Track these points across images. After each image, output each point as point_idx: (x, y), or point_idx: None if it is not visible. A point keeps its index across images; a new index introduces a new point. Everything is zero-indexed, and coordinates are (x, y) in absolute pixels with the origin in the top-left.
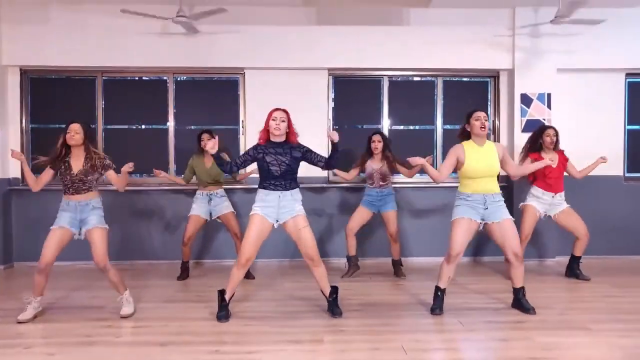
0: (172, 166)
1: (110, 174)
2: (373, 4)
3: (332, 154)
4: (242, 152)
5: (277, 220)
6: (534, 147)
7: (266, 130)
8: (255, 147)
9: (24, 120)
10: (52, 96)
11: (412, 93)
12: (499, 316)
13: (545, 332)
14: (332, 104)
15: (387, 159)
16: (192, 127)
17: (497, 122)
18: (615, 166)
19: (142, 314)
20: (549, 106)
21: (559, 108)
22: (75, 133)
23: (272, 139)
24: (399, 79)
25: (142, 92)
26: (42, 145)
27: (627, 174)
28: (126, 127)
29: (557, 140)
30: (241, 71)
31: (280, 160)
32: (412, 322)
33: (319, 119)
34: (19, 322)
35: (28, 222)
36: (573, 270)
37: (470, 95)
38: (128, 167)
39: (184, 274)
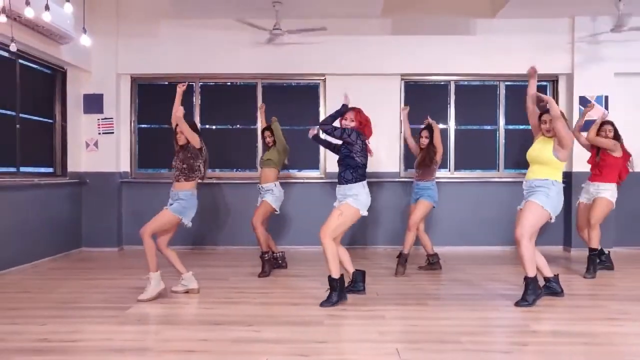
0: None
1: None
2: (442, 15)
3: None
4: (321, 152)
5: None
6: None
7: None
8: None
9: (133, 121)
10: (156, 100)
11: (476, 96)
12: None
13: None
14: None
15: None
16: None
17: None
18: None
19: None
20: (606, 108)
21: (616, 109)
22: (180, 134)
23: None
24: (465, 84)
25: (234, 96)
26: (147, 143)
27: None
28: (220, 127)
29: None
30: (322, 77)
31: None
32: None
33: (391, 121)
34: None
35: (135, 211)
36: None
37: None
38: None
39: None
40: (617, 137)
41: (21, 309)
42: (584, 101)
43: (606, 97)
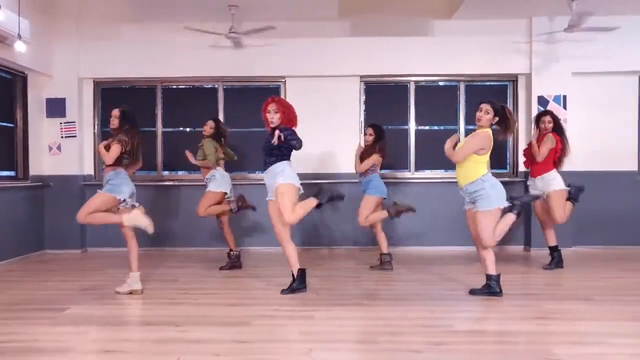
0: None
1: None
2: (400, 17)
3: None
4: None
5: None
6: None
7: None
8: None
9: (96, 125)
10: (120, 103)
11: (436, 97)
12: None
13: None
14: (363, 108)
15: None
16: (239, 129)
17: (516, 122)
18: (629, 162)
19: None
20: (564, 107)
21: (574, 109)
22: (114, 117)
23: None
24: (425, 84)
25: (195, 98)
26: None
27: None
28: (181, 129)
29: (556, 125)
30: (282, 79)
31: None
32: None
33: (351, 121)
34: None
35: None
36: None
37: (491, 98)
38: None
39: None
40: (557, 127)
41: None
42: (542, 101)
43: (564, 97)
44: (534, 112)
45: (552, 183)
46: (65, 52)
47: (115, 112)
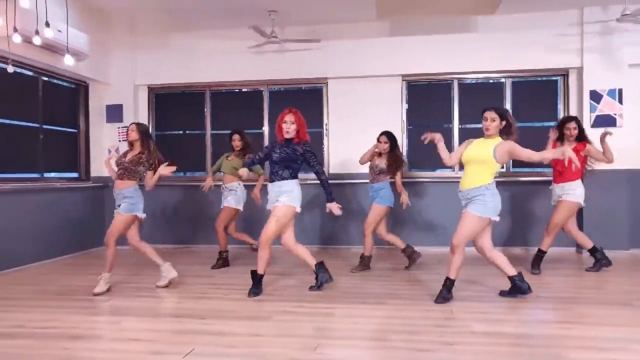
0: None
1: (149, 173)
2: (441, 15)
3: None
4: (325, 153)
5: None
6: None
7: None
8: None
9: (150, 128)
10: (172, 108)
11: (481, 95)
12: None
13: None
14: (405, 107)
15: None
16: None
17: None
18: None
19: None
20: (620, 101)
21: (631, 103)
22: (131, 131)
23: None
24: (469, 82)
25: (242, 101)
26: (164, 148)
27: None
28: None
29: (580, 132)
30: (324, 81)
31: (282, 150)
32: None
33: (393, 121)
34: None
35: (154, 212)
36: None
37: (540, 94)
38: (166, 169)
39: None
40: (581, 133)
41: (17, 299)
42: (595, 95)
43: (620, 90)
44: (586, 108)
45: (570, 192)
46: (122, 61)
47: (132, 127)
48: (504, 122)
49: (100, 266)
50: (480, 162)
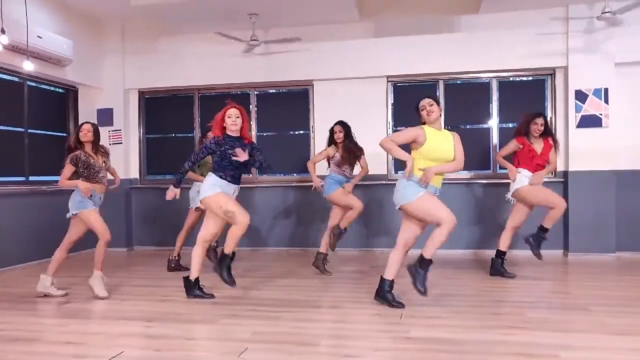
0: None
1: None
2: (425, 14)
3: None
4: (312, 154)
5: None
6: (521, 131)
7: (222, 126)
8: (215, 142)
9: (141, 131)
10: (162, 111)
11: (467, 95)
12: None
13: None
14: (391, 108)
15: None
16: (271, 132)
17: (554, 118)
18: None
19: None
20: (606, 101)
21: (617, 103)
22: (87, 131)
23: (230, 133)
24: (455, 82)
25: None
26: (155, 150)
27: None
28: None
29: (547, 129)
30: (310, 83)
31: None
32: None
33: (379, 122)
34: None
35: (144, 215)
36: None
37: (527, 94)
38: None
39: None
40: (546, 130)
41: None
42: (580, 95)
43: (605, 90)
44: (571, 108)
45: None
46: (113, 66)
47: (88, 127)
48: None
49: (81, 267)
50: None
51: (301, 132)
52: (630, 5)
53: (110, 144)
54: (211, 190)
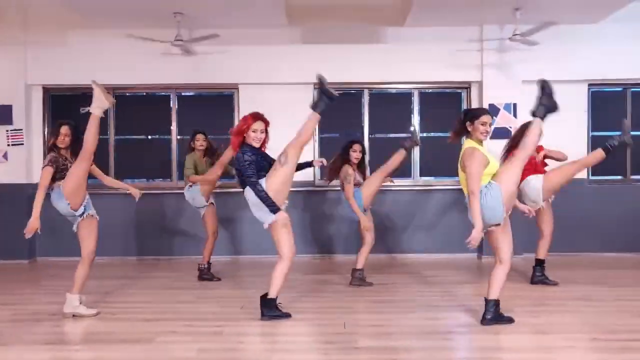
0: (175, 172)
1: None
2: (353, 24)
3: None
4: None
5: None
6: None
7: (242, 136)
8: (250, 152)
9: (45, 133)
10: (70, 111)
11: (390, 104)
12: None
13: None
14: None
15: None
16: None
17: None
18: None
19: None
20: (514, 115)
21: (525, 117)
22: (65, 136)
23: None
24: (379, 91)
25: (149, 106)
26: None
27: (591, 177)
28: (134, 137)
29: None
30: (235, 87)
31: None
32: None
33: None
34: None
35: (48, 222)
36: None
37: (445, 105)
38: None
39: None
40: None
41: None
42: (493, 109)
43: (514, 105)
44: None
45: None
46: (11, 58)
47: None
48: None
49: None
50: None
51: (225, 136)
52: (535, 28)
53: (8, 145)
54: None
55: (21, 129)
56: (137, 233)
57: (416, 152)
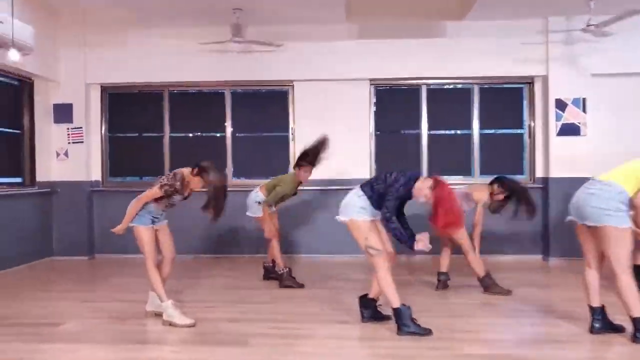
0: (230, 168)
1: None
2: (410, 18)
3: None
4: (291, 158)
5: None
6: None
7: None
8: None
9: (103, 130)
10: (127, 109)
11: (449, 100)
12: None
13: None
14: (373, 111)
15: None
16: (247, 134)
17: (532, 125)
18: None
19: None
20: (584, 110)
21: (595, 111)
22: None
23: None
24: (437, 87)
25: (203, 103)
26: (118, 151)
27: None
28: (189, 134)
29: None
30: (290, 83)
31: None
32: None
33: (360, 126)
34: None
35: (107, 220)
36: None
37: (505, 101)
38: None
39: None
40: None
41: None
42: (560, 104)
43: (583, 99)
44: (552, 116)
45: None
46: (72, 58)
47: None
48: None
49: (49, 281)
50: None
51: (280, 134)
52: (615, 18)
53: (69, 143)
54: (360, 214)
55: (81, 127)
56: (192, 232)
57: (476, 150)
